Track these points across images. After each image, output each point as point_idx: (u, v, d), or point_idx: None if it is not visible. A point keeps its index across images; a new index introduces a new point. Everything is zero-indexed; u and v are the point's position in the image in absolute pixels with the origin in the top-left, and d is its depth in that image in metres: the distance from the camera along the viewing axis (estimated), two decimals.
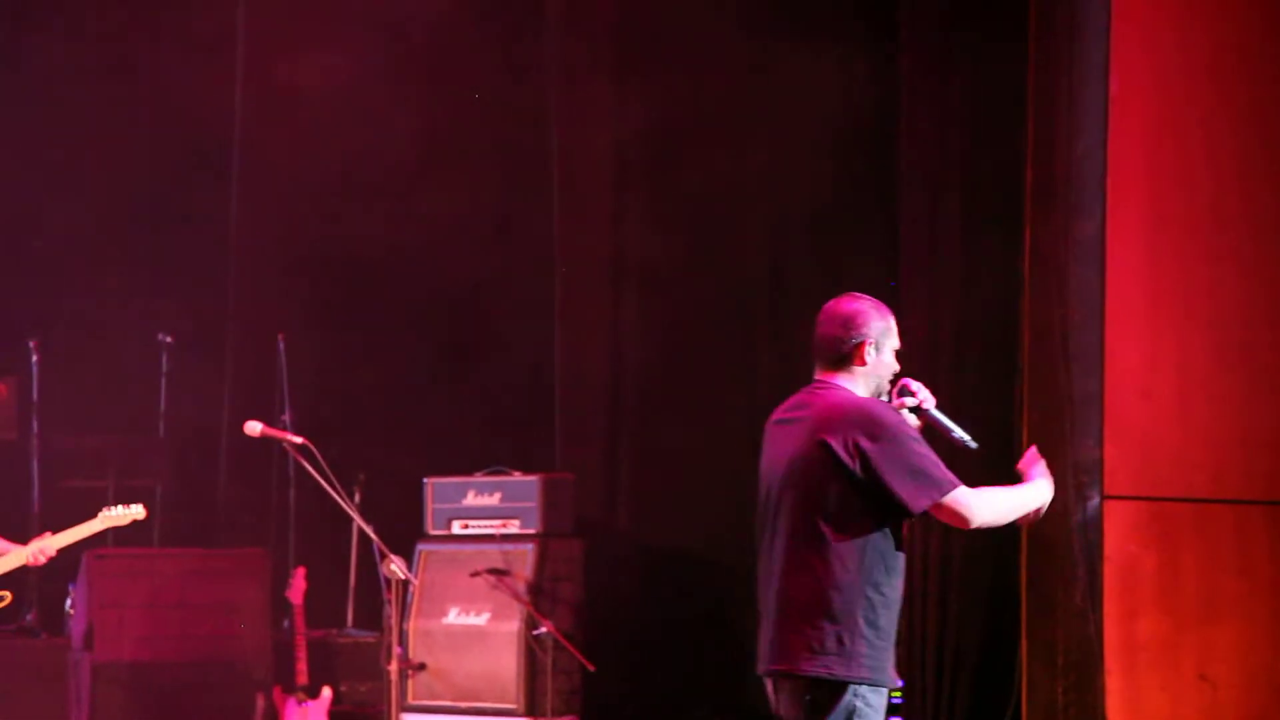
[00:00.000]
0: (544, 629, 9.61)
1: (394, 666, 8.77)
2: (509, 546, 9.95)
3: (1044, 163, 9.46)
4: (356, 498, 10.16)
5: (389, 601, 8.79)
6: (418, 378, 11.00)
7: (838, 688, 5.49)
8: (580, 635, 9.78)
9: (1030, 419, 9.63)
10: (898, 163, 9.90)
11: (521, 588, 9.79)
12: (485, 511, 10.09)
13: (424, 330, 11.01)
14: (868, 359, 5.71)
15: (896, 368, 5.80)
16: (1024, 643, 9.59)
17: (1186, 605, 9.46)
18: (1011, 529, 9.57)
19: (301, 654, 9.68)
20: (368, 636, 10.44)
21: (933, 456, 5.57)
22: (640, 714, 10.31)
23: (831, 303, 5.78)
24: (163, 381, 10.92)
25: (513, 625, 9.84)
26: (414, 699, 9.82)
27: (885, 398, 5.77)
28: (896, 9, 9.81)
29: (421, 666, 9.74)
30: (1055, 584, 9.48)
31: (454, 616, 10.01)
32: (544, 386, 10.92)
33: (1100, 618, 9.31)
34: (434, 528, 10.24)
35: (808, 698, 5.53)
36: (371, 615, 10.51)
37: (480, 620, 9.95)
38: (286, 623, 10.06)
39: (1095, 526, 9.37)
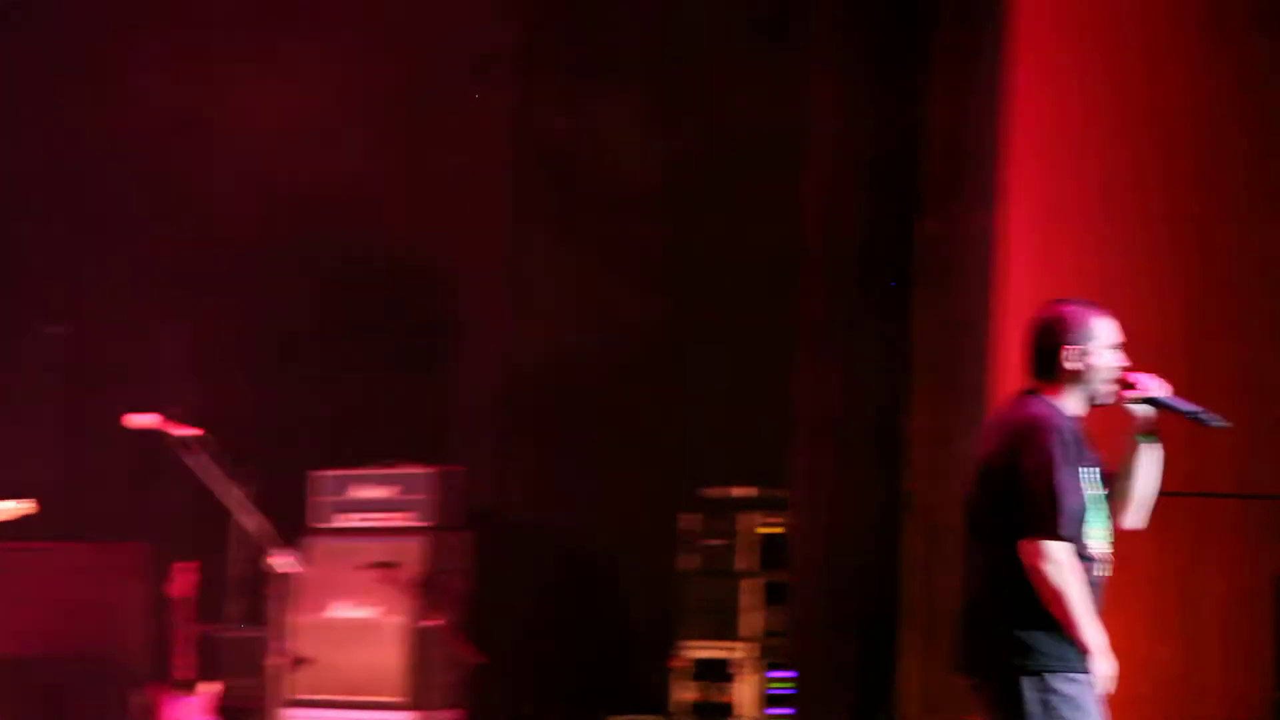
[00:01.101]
0: (432, 622, 9.54)
1: (278, 661, 8.68)
2: (397, 539, 9.86)
3: (940, 154, 9.51)
4: (243, 491, 10.01)
5: (273, 595, 8.70)
6: (307, 370, 10.87)
7: (1025, 680, 5.51)
8: (469, 628, 9.71)
9: (919, 412, 9.67)
10: (798, 154, 9.90)
11: (409, 580, 9.71)
12: (374, 504, 10.00)
13: (316, 320, 10.87)
14: (1069, 365, 5.67)
15: (1111, 369, 5.68)
16: (908, 633, 9.63)
17: None
18: (898, 517, 9.66)
19: (182, 649, 9.55)
20: (252, 631, 10.30)
21: (1057, 495, 5.51)
22: (529, 707, 10.26)
23: (1039, 312, 5.77)
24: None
25: (400, 618, 9.76)
26: (299, 693, 9.69)
27: (1105, 400, 5.72)
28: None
29: (307, 660, 9.62)
30: (940, 576, 9.52)
31: (340, 610, 9.91)
32: (437, 378, 10.84)
33: None
34: (320, 520, 10.14)
35: (995, 693, 5.57)
36: (256, 610, 10.38)
37: (367, 614, 9.86)
38: (168, 618, 9.92)
39: None
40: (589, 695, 10.56)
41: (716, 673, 10.50)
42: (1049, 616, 5.50)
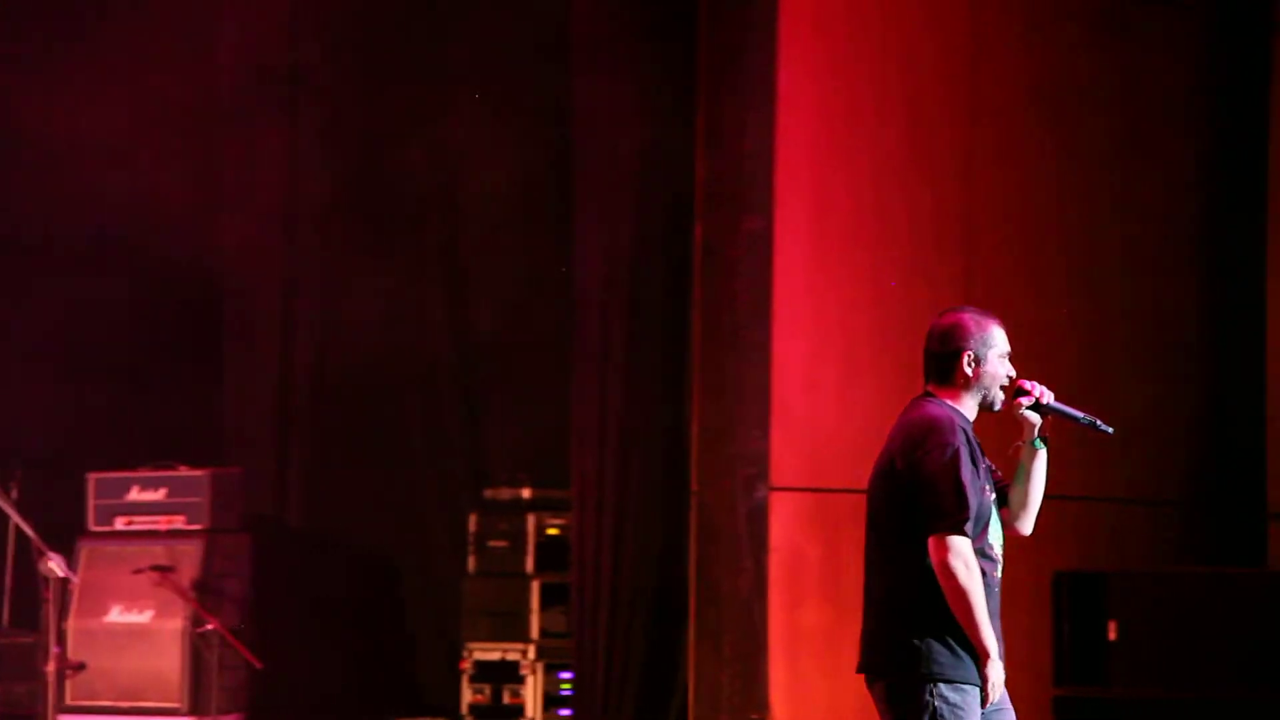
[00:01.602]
0: (210, 626, 9.44)
1: (51, 667, 8.55)
2: (174, 543, 9.74)
3: (714, 158, 9.57)
4: (13, 493, 9.84)
5: (47, 600, 8.57)
6: (81, 369, 10.68)
7: (916, 686, 5.52)
8: (247, 632, 9.61)
9: (701, 411, 9.74)
10: (571, 160, 9.91)
11: (186, 584, 9.60)
12: (150, 507, 9.87)
13: (89, 320, 10.70)
14: (968, 371, 5.69)
15: (1005, 376, 5.70)
16: (691, 632, 9.69)
17: (848, 595, 9.62)
18: (680, 516, 9.72)
19: None
20: (24, 636, 10.12)
21: (963, 491, 5.52)
22: (308, 710, 10.17)
23: (937, 318, 5.80)
24: None
25: (177, 623, 9.64)
26: (73, 700, 9.55)
27: (997, 406, 5.73)
28: (569, 12, 9.85)
29: (81, 666, 9.48)
30: (722, 574, 9.60)
31: (116, 615, 9.77)
32: (212, 380, 10.72)
33: (765, 608, 9.45)
34: (96, 524, 9.98)
35: (889, 696, 5.58)
36: (29, 615, 10.20)
37: (143, 618, 9.73)
38: None
39: (761, 518, 9.51)
40: (375, 699, 10.50)
41: (506, 674, 10.49)
42: (943, 622, 5.52)
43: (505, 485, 10.63)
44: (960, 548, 5.49)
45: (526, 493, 10.56)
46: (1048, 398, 5.70)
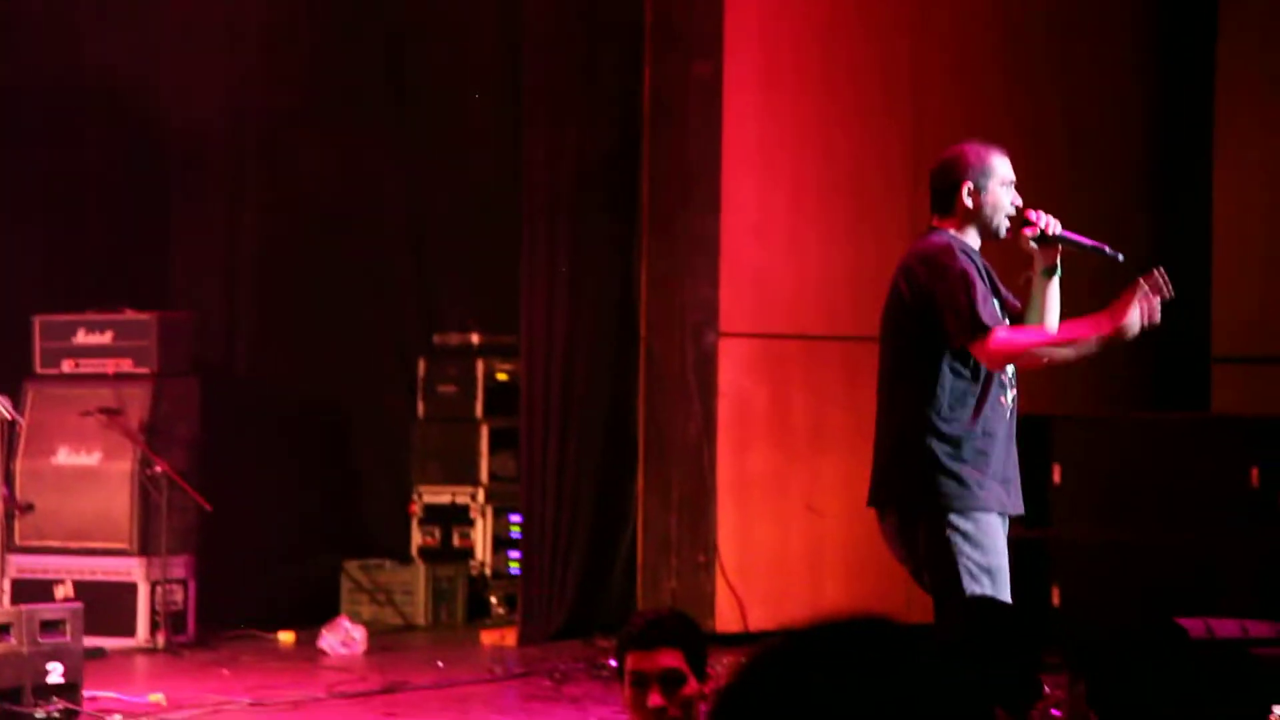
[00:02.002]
0: (158, 468, 9.44)
1: (0, 508, 8.55)
2: (122, 386, 9.71)
3: (662, 4, 9.48)
4: None
5: None
6: (27, 210, 10.59)
7: (928, 518, 5.55)
8: (196, 475, 9.63)
9: (650, 258, 9.73)
10: (520, 14, 9.80)
11: (135, 427, 9.59)
12: (98, 350, 9.83)
13: (38, 164, 10.58)
14: (968, 202, 5.72)
15: (1010, 204, 5.72)
16: (640, 477, 9.75)
17: (796, 438, 9.71)
18: (629, 362, 9.75)
19: None
20: None
21: (978, 300, 5.57)
22: (256, 553, 10.21)
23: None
24: None
25: (125, 465, 9.64)
26: (21, 540, 9.56)
27: (1001, 234, 5.72)
28: None
29: (30, 507, 9.47)
30: (671, 420, 9.65)
31: (64, 456, 9.77)
32: (160, 222, 10.64)
33: (714, 452, 9.51)
34: (43, 366, 9.94)
35: (900, 527, 5.63)
36: None
37: (91, 460, 9.73)
38: None
39: (710, 363, 9.55)
40: (325, 542, 10.54)
41: (455, 517, 10.55)
42: (950, 455, 5.57)
43: (455, 331, 10.63)
44: (996, 339, 5.51)
45: (475, 338, 10.57)
46: (1054, 228, 5.70)
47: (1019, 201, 5.76)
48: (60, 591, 9.49)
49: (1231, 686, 3.99)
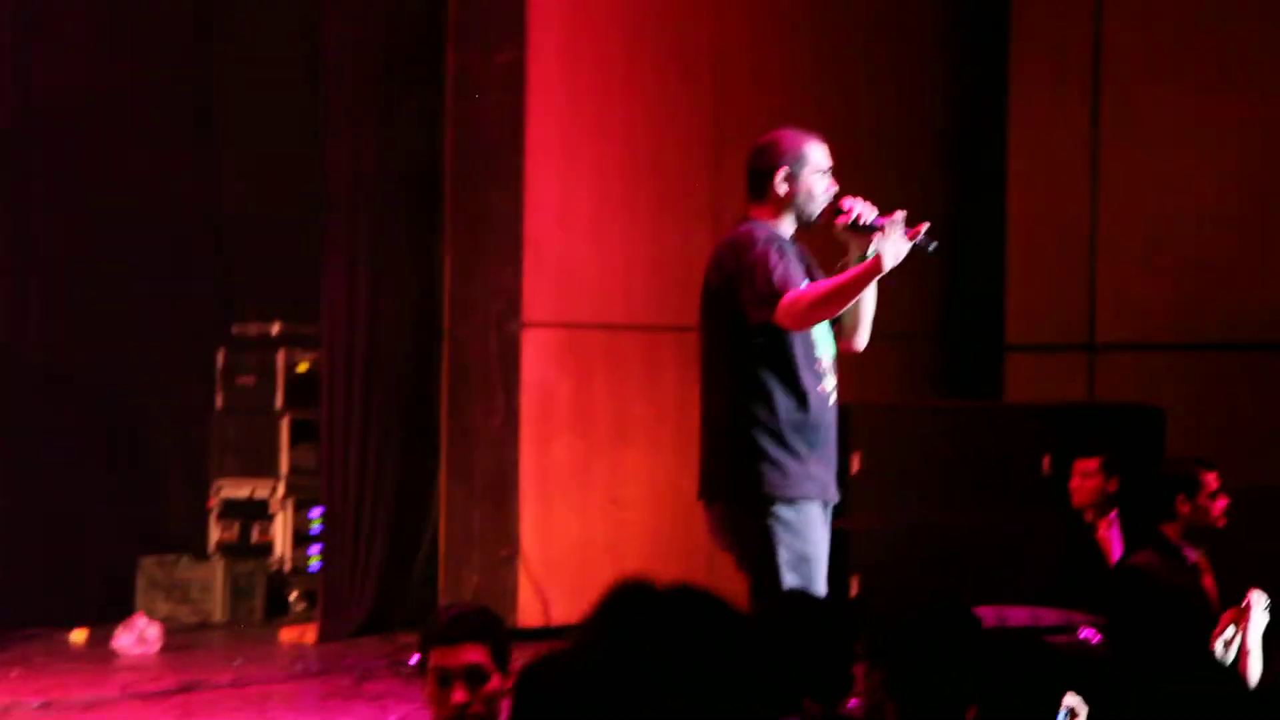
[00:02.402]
0: None
1: None
2: None
3: None
4: None
5: None
6: None
7: (751, 508, 5.55)
8: None
9: (453, 247, 9.69)
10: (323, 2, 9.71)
11: None
12: None
13: None
14: (781, 189, 5.71)
15: (824, 192, 5.70)
16: (443, 468, 9.71)
17: (599, 430, 9.73)
18: (432, 353, 9.70)
19: None
20: None
21: (777, 273, 5.57)
22: (49, 548, 9.99)
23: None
24: None
25: None
26: None
27: (815, 220, 5.71)
28: None
29: None
30: (474, 411, 9.62)
31: None
32: None
33: (516, 444, 9.50)
34: None
35: (726, 518, 5.63)
36: None
37: None
38: None
39: (513, 354, 9.53)
40: (120, 537, 10.35)
41: (255, 511, 10.42)
42: (771, 444, 5.60)
43: (254, 320, 10.49)
44: (785, 299, 5.54)
45: (275, 328, 10.44)
46: (866, 217, 5.74)
47: (835, 189, 5.80)
48: None
49: (1024, 674, 4.07)
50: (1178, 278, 10.54)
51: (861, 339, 5.85)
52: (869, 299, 5.78)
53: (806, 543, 5.62)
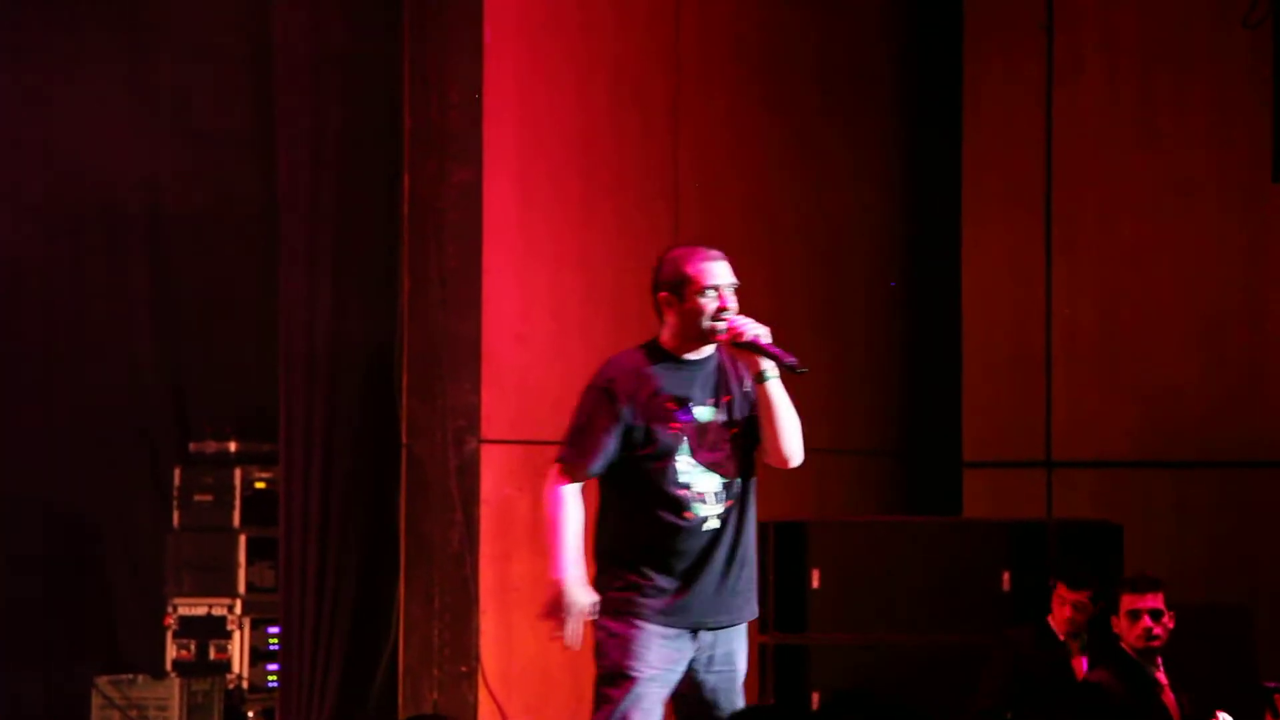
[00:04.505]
0: None
1: None
2: None
3: (421, 109, 9.51)
4: None
5: None
6: None
7: (597, 618, 5.71)
8: None
9: (410, 365, 9.70)
10: (275, 111, 9.75)
11: None
12: None
13: None
14: (667, 308, 5.79)
15: (709, 310, 5.75)
16: (402, 585, 9.67)
17: None
18: (391, 469, 9.68)
19: None
20: None
21: (583, 430, 5.76)
22: (8, 667, 9.92)
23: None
24: None
25: None
26: None
27: (711, 339, 5.79)
28: None
29: None
30: (433, 527, 9.60)
31: None
32: None
33: (476, 560, 9.48)
34: None
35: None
36: None
37: None
38: None
39: (472, 470, 9.53)
40: (76, 657, 10.28)
41: (212, 630, 10.38)
42: (612, 558, 5.73)
43: (211, 439, 10.48)
44: (554, 475, 5.80)
45: (233, 446, 10.43)
46: (748, 334, 5.79)
47: (729, 304, 5.83)
48: None
49: None
50: (1134, 394, 10.62)
51: (789, 457, 5.89)
52: (770, 419, 5.82)
53: (628, 657, 5.70)
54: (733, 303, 5.83)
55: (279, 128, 9.71)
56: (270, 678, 10.19)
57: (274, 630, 10.13)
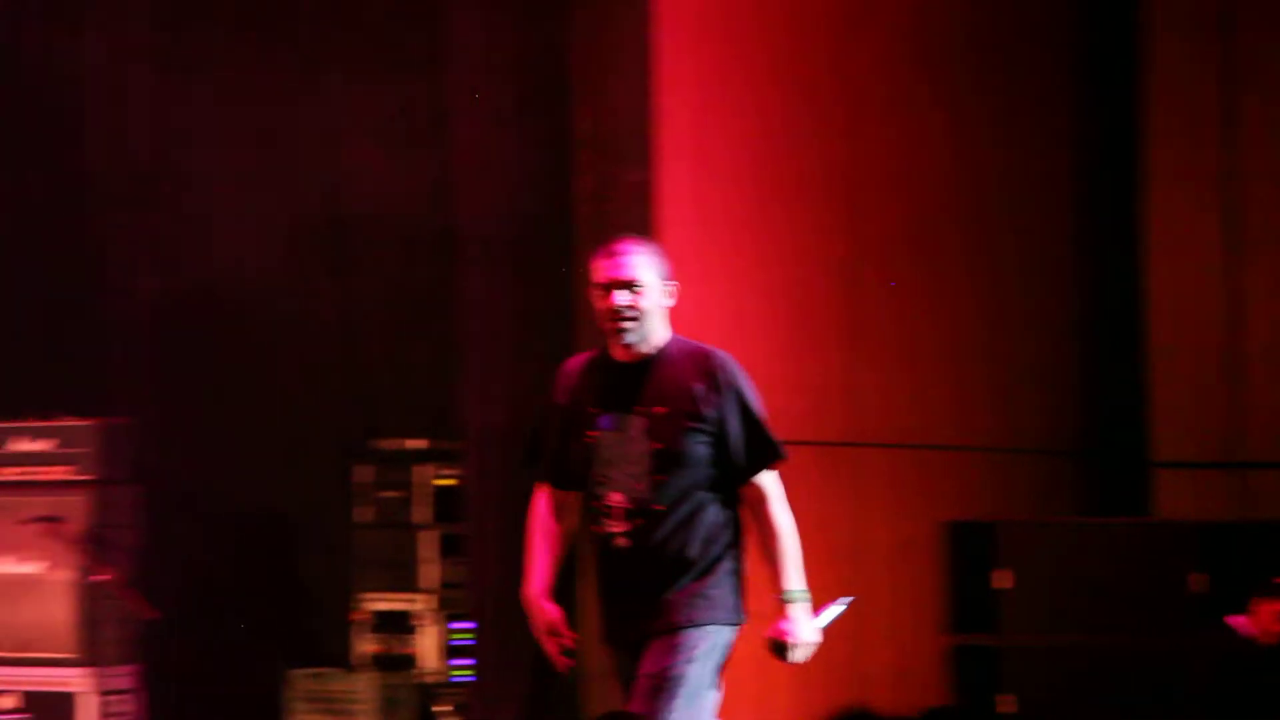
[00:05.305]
0: (100, 576, 9.37)
1: None
2: (61, 494, 9.64)
3: (593, 113, 9.52)
4: None
5: None
6: None
7: None
8: (140, 583, 9.54)
9: None
10: (449, 119, 9.83)
11: (76, 535, 9.51)
12: (34, 458, 9.76)
13: None
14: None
15: (603, 311, 5.65)
16: (579, 582, 9.69)
17: None
18: None
19: None
20: None
21: (538, 433, 5.79)
22: (203, 661, 10.12)
23: None
24: None
25: (68, 573, 9.56)
26: None
27: (619, 341, 5.69)
28: None
29: None
30: None
31: (3, 566, 9.69)
32: (92, 324, 10.57)
33: None
34: None
35: None
36: None
37: (32, 569, 9.65)
38: None
39: None
40: (268, 650, 10.46)
41: (397, 625, 10.50)
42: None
43: (396, 436, 10.60)
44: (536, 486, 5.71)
45: (416, 443, 10.54)
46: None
47: (616, 303, 5.58)
48: (7, 702, 9.41)
49: None
50: None
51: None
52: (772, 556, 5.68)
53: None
54: (622, 300, 5.61)
55: (454, 131, 9.79)
56: (454, 672, 10.28)
57: (457, 625, 10.22)
